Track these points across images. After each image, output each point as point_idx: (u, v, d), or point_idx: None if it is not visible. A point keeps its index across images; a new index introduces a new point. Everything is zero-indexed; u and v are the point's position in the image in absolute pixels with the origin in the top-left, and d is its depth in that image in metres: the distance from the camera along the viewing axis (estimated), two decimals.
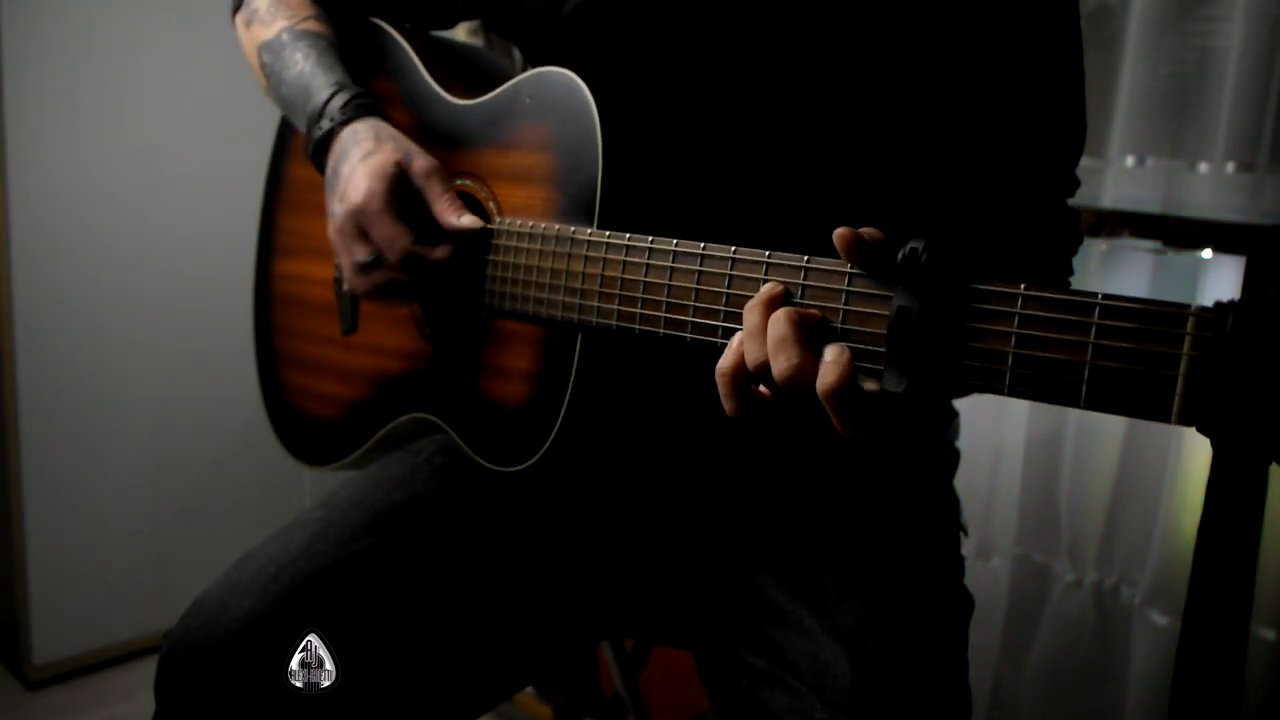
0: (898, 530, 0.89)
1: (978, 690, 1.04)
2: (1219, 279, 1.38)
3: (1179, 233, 1.32)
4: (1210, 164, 1.40)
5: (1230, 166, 1.38)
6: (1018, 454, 1.60)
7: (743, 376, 0.65)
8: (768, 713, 0.78)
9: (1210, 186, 1.40)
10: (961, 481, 1.02)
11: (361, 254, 0.89)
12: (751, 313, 0.65)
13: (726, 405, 0.66)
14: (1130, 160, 1.48)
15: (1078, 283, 0.91)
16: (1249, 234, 1.28)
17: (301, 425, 1.13)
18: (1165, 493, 1.43)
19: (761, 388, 0.66)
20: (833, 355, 0.61)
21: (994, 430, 1.60)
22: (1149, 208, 1.45)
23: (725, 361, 0.66)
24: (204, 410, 2.08)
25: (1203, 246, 1.34)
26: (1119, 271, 1.48)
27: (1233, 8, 1.35)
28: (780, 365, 0.62)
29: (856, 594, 0.82)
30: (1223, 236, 1.30)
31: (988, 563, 1.62)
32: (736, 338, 0.66)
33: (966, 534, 0.98)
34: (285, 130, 1.17)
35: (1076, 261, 0.93)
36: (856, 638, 0.79)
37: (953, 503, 0.98)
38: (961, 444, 1.04)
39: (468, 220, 0.87)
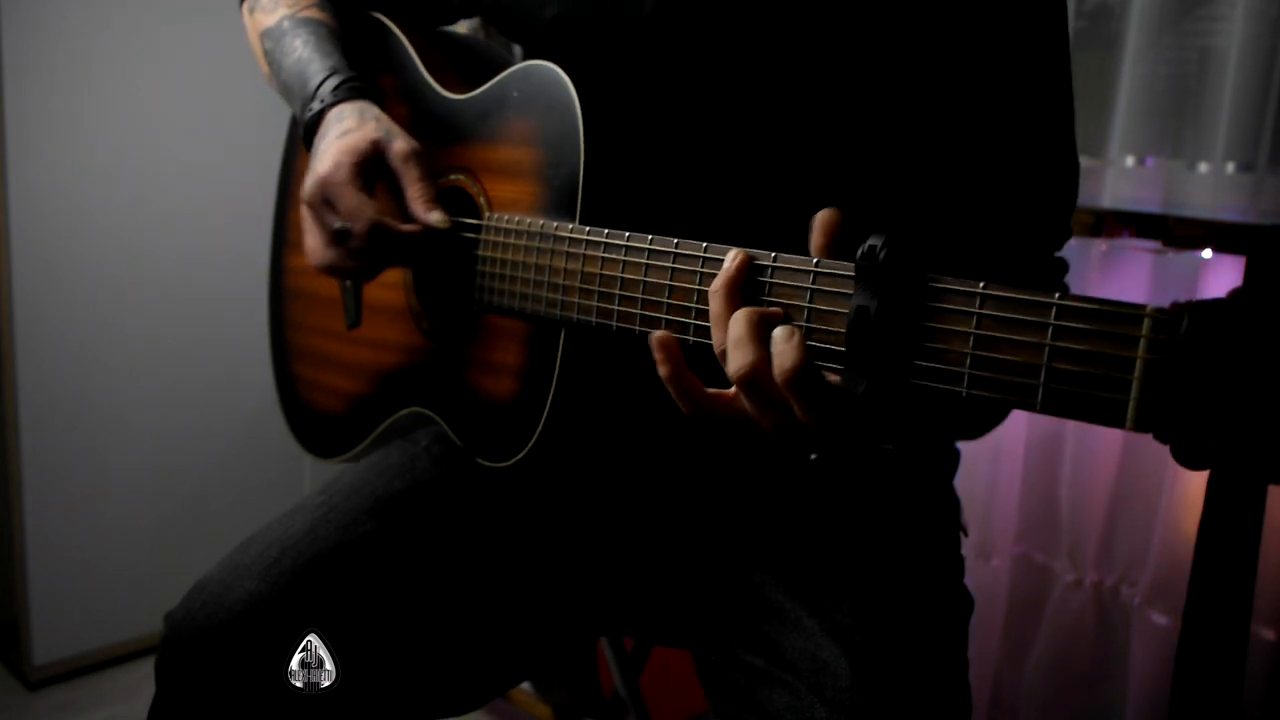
0: (897, 530, 0.89)
1: (978, 690, 1.04)
2: (1219, 279, 1.38)
3: (1179, 233, 1.32)
4: (1210, 164, 1.40)
5: (1230, 166, 1.38)
6: (1018, 454, 1.60)
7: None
8: (766, 712, 0.78)
9: (1210, 186, 1.40)
10: (961, 481, 1.01)
11: (336, 222, 0.89)
12: (715, 298, 0.65)
13: (681, 405, 0.67)
14: (1130, 160, 1.48)
15: (1076, 283, 0.90)
16: (1249, 234, 1.28)
17: (311, 418, 1.15)
18: (1165, 493, 1.43)
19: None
20: (782, 336, 0.61)
21: (994, 430, 1.60)
22: (1149, 208, 1.45)
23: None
24: (204, 411, 2.08)
25: (1203, 246, 1.34)
26: (1119, 272, 1.48)
27: (1233, 8, 1.35)
28: (736, 362, 0.62)
29: (855, 593, 0.82)
30: (1223, 236, 1.30)
31: (988, 563, 1.62)
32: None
33: (966, 534, 0.98)
34: (295, 128, 1.19)
35: (1078, 260, 0.92)
36: (856, 637, 0.78)
37: (953, 503, 0.98)
38: (961, 444, 1.04)
39: (435, 216, 0.88)
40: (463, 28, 1.68)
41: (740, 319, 0.63)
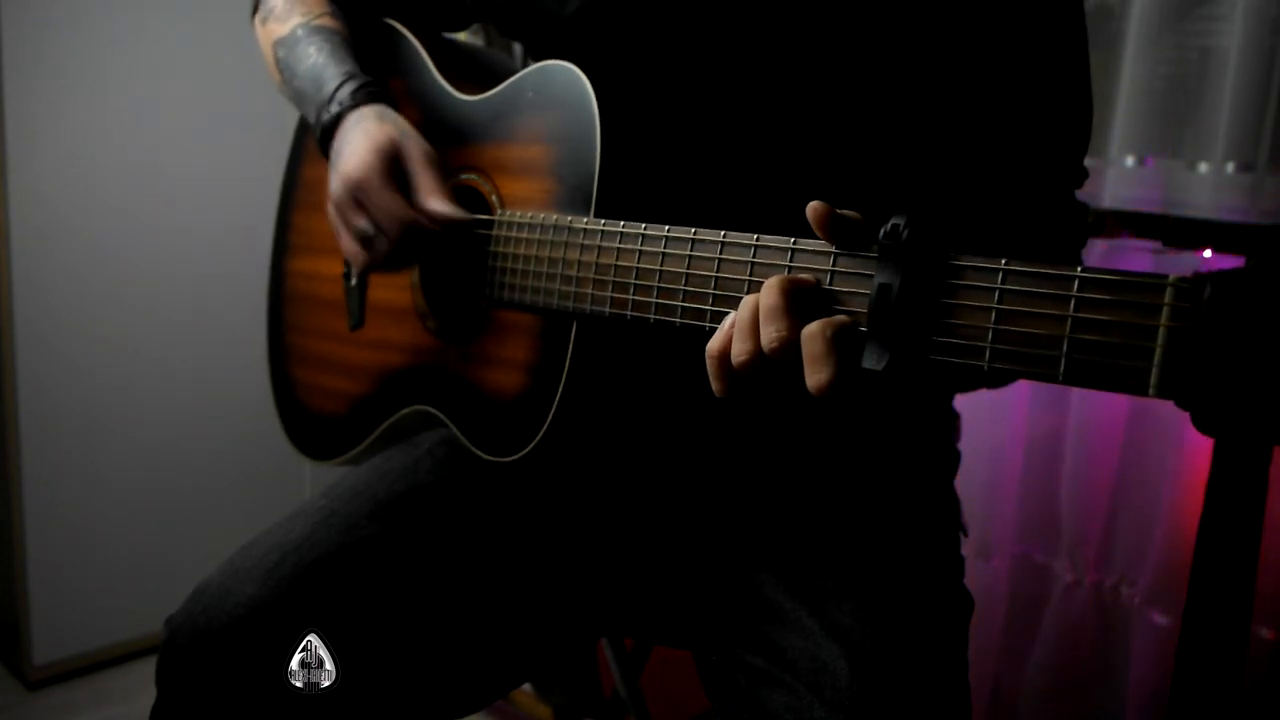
0: (897, 530, 0.89)
1: (978, 690, 1.04)
2: None
3: (1179, 233, 1.32)
4: (1210, 164, 1.40)
5: (1230, 166, 1.38)
6: (1018, 454, 1.60)
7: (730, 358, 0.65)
8: (766, 712, 0.78)
9: (1210, 186, 1.40)
10: (961, 481, 1.02)
11: (362, 223, 0.91)
12: (754, 300, 0.65)
13: (715, 385, 0.67)
14: (1130, 160, 1.48)
15: None
16: (1249, 234, 1.28)
17: (308, 420, 1.15)
18: (1165, 493, 1.43)
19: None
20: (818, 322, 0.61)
21: (994, 430, 1.60)
22: (1149, 208, 1.44)
23: (715, 343, 0.66)
24: (203, 411, 2.08)
25: (1203, 246, 1.34)
26: None
27: (1233, 8, 1.35)
28: (769, 335, 0.62)
29: (855, 593, 0.82)
30: (1223, 236, 1.30)
31: (988, 563, 1.62)
32: (728, 319, 0.66)
33: (966, 534, 0.98)
34: (301, 134, 1.20)
35: None
36: (855, 637, 0.79)
37: (953, 503, 0.98)
38: (961, 444, 1.04)
39: (448, 208, 0.89)
40: (462, 37, 1.69)
41: (774, 288, 0.63)
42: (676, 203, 0.82)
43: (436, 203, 0.89)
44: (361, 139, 0.91)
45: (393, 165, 0.91)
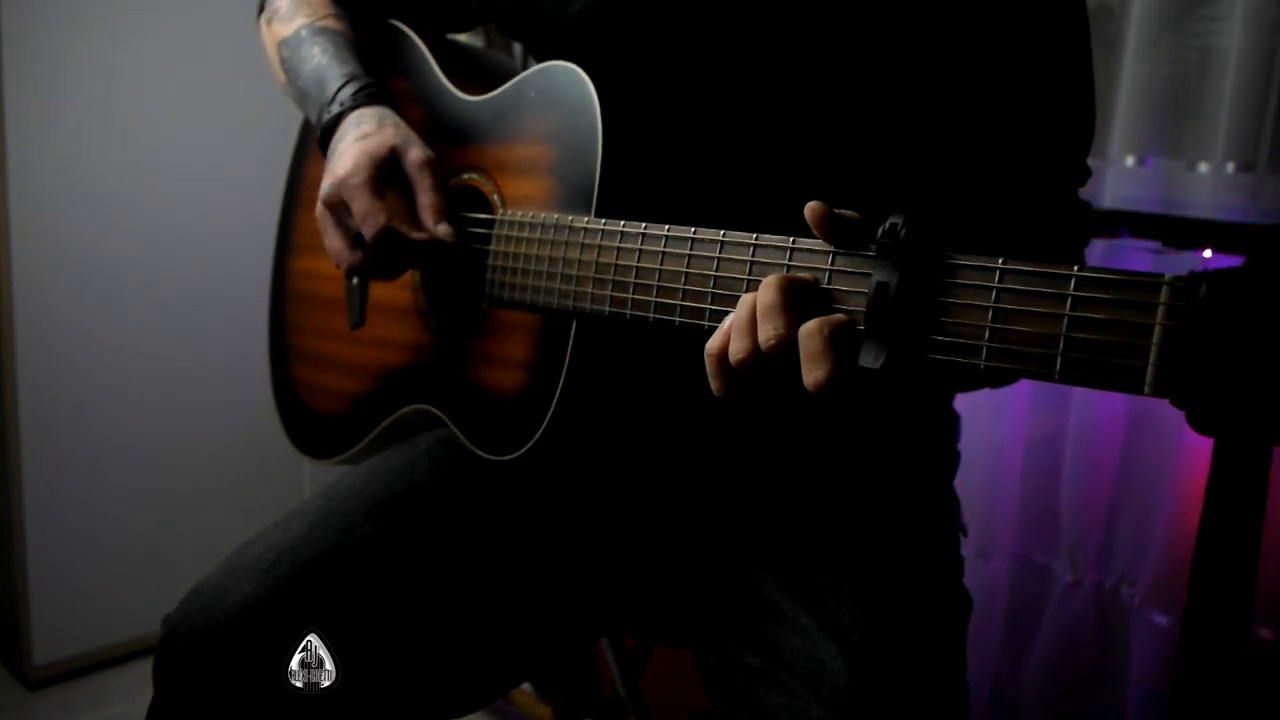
0: (896, 530, 0.89)
1: (977, 690, 1.04)
2: None
3: (1179, 233, 1.32)
4: (1210, 164, 1.40)
5: (1230, 166, 1.38)
6: (1018, 454, 1.60)
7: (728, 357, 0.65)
8: (764, 712, 0.78)
9: (1210, 186, 1.40)
10: (961, 481, 1.01)
11: (349, 222, 0.92)
12: (752, 298, 0.65)
13: (714, 384, 0.67)
14: (1130, 160, 1.48)
15: None
16: (1249, 234, 1.28)
17: (309, 419, 1.15)
18: (1165, 493, 1.43)
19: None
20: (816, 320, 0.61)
21: (994, 430, 1.60)
22: (1149, 208, 1.44)
23: (714, 342, 0.66)
24: (203, 411, 2.08)
25: (1203, 246, 1.34)
26: None
27: (1233, 8, 1.35)
28: (766, 332, 0.62)
29: (854, 593, 0.82)
30: (1223, 236, 1.30)
31: (988, 563, 1.62)
32: (727, 319, 0.66)
33: (966, 534, 0.98)
34: (305, 133, 1.21)
35: None
36: (853, 637, 0.79)
37: (952, 503, 0.98)
38: (961, 444, 1.04)
39: (444, 229, 0.90)
40: (463, 38, 1.69)
41: (772, 287, 0.63)
42: (677, 202, 0.82)
43: (433, 222, 0.91)
44: (357, 143, 0.92)
45: (384, 170, 0.91)
